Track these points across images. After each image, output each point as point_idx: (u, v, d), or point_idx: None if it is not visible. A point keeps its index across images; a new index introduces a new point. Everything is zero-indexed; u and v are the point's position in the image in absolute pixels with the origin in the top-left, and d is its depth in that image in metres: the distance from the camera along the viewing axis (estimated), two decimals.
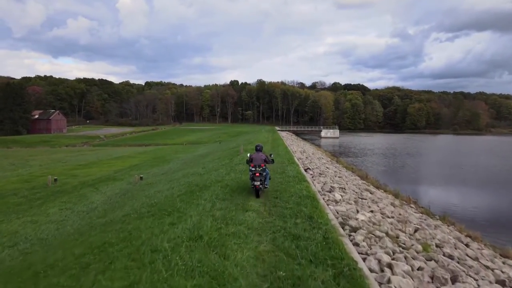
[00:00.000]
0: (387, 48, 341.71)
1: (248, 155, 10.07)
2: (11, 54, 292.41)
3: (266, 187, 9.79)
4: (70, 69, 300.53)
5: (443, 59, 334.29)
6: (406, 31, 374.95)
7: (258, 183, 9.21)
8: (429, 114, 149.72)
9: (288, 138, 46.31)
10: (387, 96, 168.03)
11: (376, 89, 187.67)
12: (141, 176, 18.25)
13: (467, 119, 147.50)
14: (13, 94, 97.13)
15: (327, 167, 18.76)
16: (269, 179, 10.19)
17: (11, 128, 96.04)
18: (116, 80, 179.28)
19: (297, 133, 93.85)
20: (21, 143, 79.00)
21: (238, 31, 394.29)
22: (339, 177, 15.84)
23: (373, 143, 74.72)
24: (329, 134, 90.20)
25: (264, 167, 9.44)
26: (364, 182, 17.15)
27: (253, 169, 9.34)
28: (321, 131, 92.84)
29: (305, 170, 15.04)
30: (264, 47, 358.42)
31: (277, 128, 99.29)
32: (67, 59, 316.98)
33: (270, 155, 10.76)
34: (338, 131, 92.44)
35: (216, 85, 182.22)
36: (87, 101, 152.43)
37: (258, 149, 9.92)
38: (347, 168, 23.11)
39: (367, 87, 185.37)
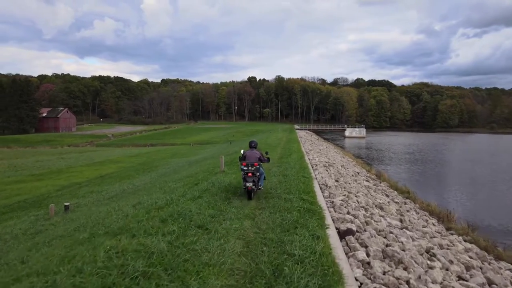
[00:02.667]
0: (411, 45, 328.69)
1: (242, 151, 9.20)
2: (39, 55, 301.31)
3: (260, 188, 8.92)
4: (95, 69, 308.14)
5: (471, 56, 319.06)
6: (432, 27, 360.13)
7: (251, 184, 8.23)
8: (462, 111, 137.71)
9: (307, 140, 38.11)
10: (415, 92, 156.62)
11: (403, 85, 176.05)
12: (67, 204, 11.11)
13: (505, 117, 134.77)
14: (19, 91, 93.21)
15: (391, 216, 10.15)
16: (264, 179, 9.24)
17: (17, 127, 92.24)
18: (138, 79, 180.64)
19: (317, 132, 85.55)
20: (23, 142, 74.64)
21: (259, 29, 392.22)
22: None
23: (407, 143, 65.24)
24: (354, 133, 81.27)
25: (257, 166, 8.41)
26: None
27: (245, 168, 8.38)
28: (345, 130, 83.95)
29: (341, 235, 6.54)
30: (285, 45, 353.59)
31: (296, 126, 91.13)
32: (93, 59, 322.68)
33: (266, 153, 9.77)
34: (364, 130, 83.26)
35: (233, 81, 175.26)
36: (102, 99, 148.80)
37: (253, 145, 9.08)
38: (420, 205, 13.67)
39: (392, 83, 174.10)
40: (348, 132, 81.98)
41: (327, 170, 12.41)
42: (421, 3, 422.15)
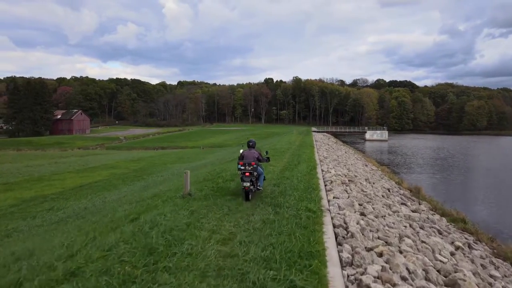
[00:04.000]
0: (434, 46, 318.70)
1: (241, 151, 8.85)
2: (64, 59, 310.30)
3: (259, 189, 8.65)
4: (118, 72, 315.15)
5: (496, 56, 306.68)
6: (455, 27, 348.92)
7: (248, 184, 7.91)
8: (491, 112, 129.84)
9: (323, 144, 33.63)
10: (440, 93, 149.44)
11: (426, 86, 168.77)
12: None
13: None
14: (34, 93, 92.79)
15: None
16: (264, 179, 9.05)
17: (31, 129, 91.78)
18: (157, 82, 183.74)
19: (335, 135, 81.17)
20: (35, 144, 73.67)
21: (279, 32, 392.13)
22: None
23: (435, 147, 59.83)
24: (375, 136, 76.39)
25: (255, 165, 8.11)
26: None
27: (242, 167, 8.10)
28: (366, 132, 79.14)
29: None
30: (305, 47, 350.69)
31: (313, 129, 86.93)
32: (115, 63, 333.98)
33: (266, 152, 9.68)
34: (387, 132, 78.12)
35: (250, 83, 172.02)
36: (118, 102, 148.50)
37: (251, 145, 8.87)
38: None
39: (415, 84, 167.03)
40: (368, 134, 77.17)
41: (346, 191, 8.87)
42: (444, 3, 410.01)
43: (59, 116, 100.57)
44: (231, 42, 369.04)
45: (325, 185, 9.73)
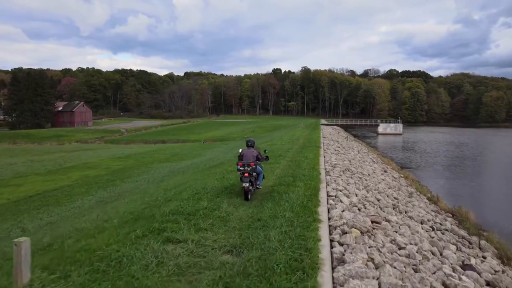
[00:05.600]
0: (448, 35, 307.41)
1: (240, 150, 8.81)
2: (76, 51, 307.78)
3: (258, 188, 8.68)
4: (128, 64, 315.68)
5: None
6: (470, 16, 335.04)
7: (247, 184, 7.87)
8: (510, 104, 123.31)
9: (332, 141, 29.53)
10: (455, 84, 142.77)
11: (440, 76, 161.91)
12: None
13: None
14: (34, 84, 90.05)
15: None
16: (263, 178, 9.05)
17: (32, 121, 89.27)
18: (166, 73, 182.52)
19: (345, 128, 76.69)
20: (33, 137, 71.20)
21: (289, 23, 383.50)
22: None
23: (457, 142, 54.42)
24: (388, 129, 71.57)
25: (254, 166, 8.05)
26: None
27: (241, 168, 8.05)
28: (378, 125, 74.32)
29: None
30: (315, 38, 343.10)
31: (322, 121, 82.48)
32: (126, 54, 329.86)
33: (265, 151, 9.75)
34: (401, 125, 73.07)
35: (257, 74, 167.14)
36: (123, 93, 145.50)
37: (250, 144, 8.81)
38: None
39: (429, 74, 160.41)
40: (381, 128, 72.41)
41: (375, 264, 4.62)
42: None
43: (60, 108, 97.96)
44: (241, 33, 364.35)
45: (332, 237, 5.55)
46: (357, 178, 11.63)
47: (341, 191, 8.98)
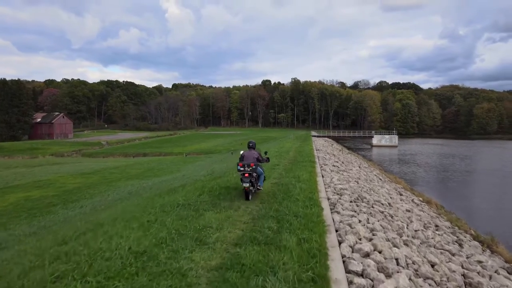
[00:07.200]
0: (434, 50, 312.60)
1: (241, 152, 8.73)
2: (66, 64, 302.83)
3: (259, 189, 8.58)
4: (118, 77, 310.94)
5: (496, 60, 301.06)
6: (456, 32, 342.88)
7: (247, 184, 7.87)
8: (502, 116, 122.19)
9: (328, 155, 24.76)
10: (446, 96, 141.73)
11: (431, 88, 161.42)
12: None
13: None
14: (10, 94, 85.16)
15: None
16: (264, 179, 8.89)
17: (6, 133, 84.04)
18: (154, 85, 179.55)
19: (337, 140, 73.41)
20: (6, 150, 66.14)
21: (281, 37, 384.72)
22: None
23: (460, 155, 50.62)
24: (383, 141, 68.39)
25: (254, 166, 8.03)
26: None
27: (241, 169, 8.01)
28: (372, 137, 71.13)
29: None
30: (307, 52, 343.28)
31: (313, 133, 79.09)
32: (116, 67, 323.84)
33: (265, 152, 9.50)
34: (396, 137, 69.91)
35: (246, 85, 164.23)
36: (109, 105, 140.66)
37: (251, 145, 8.76)
38: None
39: (419, 86, 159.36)
40: (376, 139, 69.16)
41: None
42: (447, 8, 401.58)
43: (38, 120, 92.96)
44: (233, 46, 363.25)
45: None
46: (378, 213, 7.85)
47: (368, 255, 5.07)
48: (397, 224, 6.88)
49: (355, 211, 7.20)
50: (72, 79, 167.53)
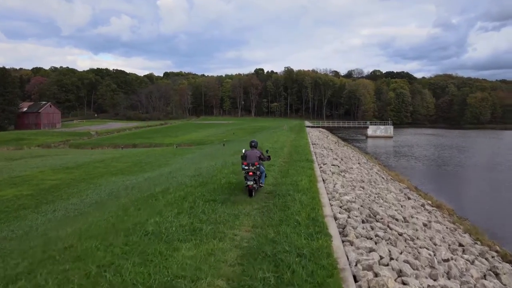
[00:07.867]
0: (428, 39, 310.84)
1: (243, 151, 8.81)
2: (55, 51, 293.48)
3: (261, 186, 8.95)
4: (109, 65, 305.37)
5: (488, 49, 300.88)
6: (449, 21, 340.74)
7: (252, 182, 8.20)
8: (495, 105, 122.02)
9: (325, 150, 23.11)
10: (440, 85, 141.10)
11: (424, 77, 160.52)
12: None
13: None
14: None
15: None
16: (265, 176, 9.46)
17: None
18: (146, 74, 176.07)
19: (331, 130, 72.27)
20: None
21: (274, 25, 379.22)
22: None
23: (459, 146, 49.28)
24: (378, 132, 67.29)
25: (258, 165, 8.31)
26: None
27: (246, 167, 8.27)
28: (367, 127, 69.99)
29: None
30: (300, 40, 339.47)
31: (307, 123, 77.77)
32: (107, 55, 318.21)
33: (267, 151, 9.89)
34: (392, 128, 68.81)
35: (239, 74, 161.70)
36: (98, 93, 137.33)
37: (253, 145, 8.86)
38: None
39: (412, 75, 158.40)
40: (371, 130, 67.99)
41: None
42: None
43: (25, 109, 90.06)
44: (226, 34, 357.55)
45: None
46: (398, 238, 6.37)
47: None
48: (425, 257, 5.52)
49: (371, 239, 5.80)
50: (60, 67, 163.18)
